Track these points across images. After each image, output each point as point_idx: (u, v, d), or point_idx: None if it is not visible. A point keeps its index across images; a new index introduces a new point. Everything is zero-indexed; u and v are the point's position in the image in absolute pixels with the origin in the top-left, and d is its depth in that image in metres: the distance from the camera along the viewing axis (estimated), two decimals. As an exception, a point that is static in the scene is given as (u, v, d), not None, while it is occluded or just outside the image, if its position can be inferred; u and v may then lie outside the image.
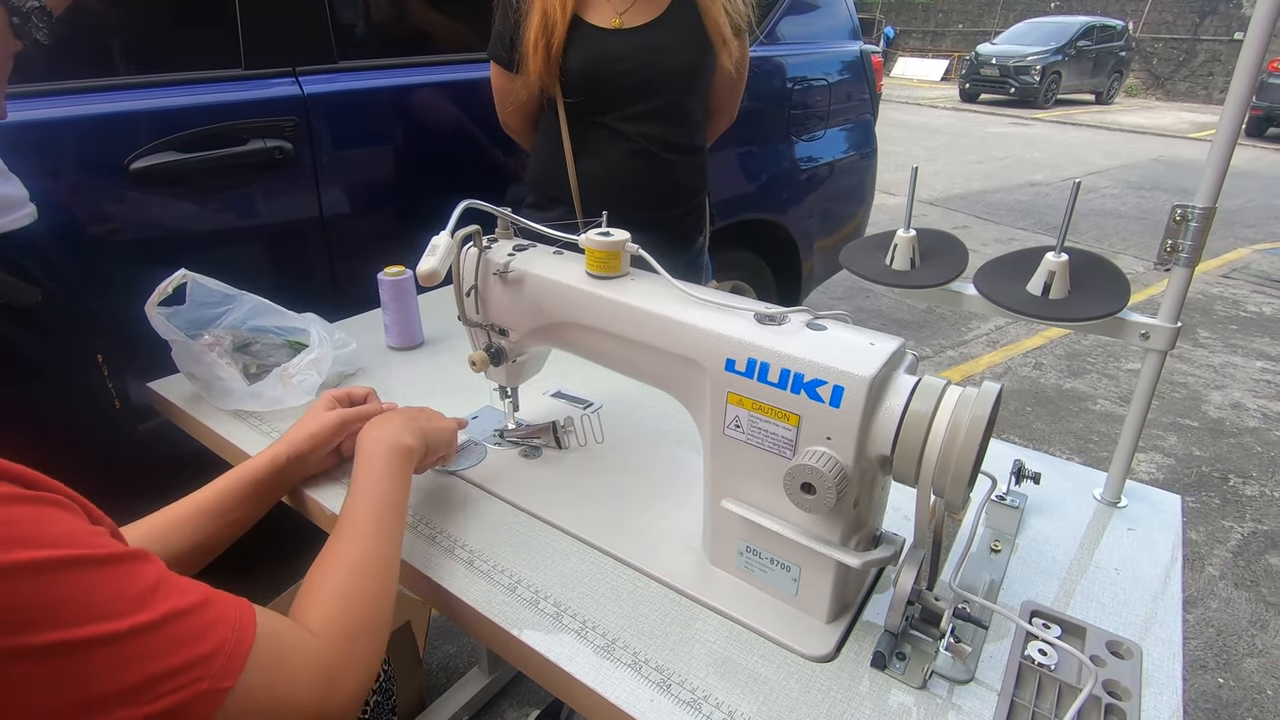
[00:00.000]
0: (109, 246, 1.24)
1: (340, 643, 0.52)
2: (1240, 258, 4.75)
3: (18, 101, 1.11)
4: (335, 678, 0.50)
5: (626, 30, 1.23)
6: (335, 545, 0.61)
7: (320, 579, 0.58)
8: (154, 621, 0.39)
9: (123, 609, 0.38)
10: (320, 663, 0.50)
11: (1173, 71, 14.99)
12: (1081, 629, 0.64)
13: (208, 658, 0.41)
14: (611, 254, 0.70)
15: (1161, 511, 0.81)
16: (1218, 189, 0.68)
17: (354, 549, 0.61)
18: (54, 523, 0.38)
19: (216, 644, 0.42)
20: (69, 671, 0.35)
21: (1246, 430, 2.68)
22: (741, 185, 2.15)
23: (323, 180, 1.42)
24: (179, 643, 0.40)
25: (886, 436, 0.55)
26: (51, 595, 0.35)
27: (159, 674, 0.38)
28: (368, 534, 0.62)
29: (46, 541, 0.36)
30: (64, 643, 0.35)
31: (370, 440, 0.71)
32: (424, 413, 0.80)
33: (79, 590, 0.36)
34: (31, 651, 0.34)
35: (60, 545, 0.36)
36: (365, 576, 0.59)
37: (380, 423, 0.74)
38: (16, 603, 0.34)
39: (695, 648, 0.62)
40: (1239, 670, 1.66)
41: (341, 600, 0.56)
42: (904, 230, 0.81)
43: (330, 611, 0.54)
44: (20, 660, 0.34)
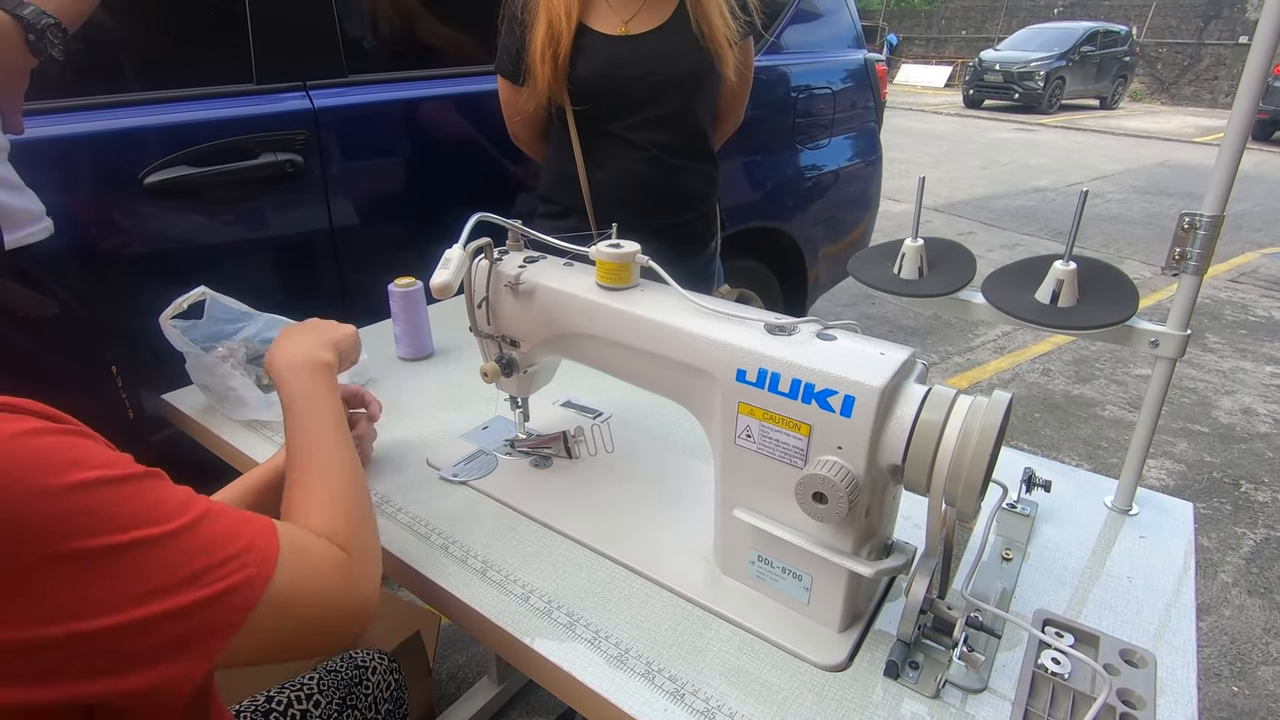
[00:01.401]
0: (123, 259, 1.26)
1: (349, 543, 0.57)
2: (1248, 262, 4.73)
3: (35, 118, 1.13)
4: (353, 574, 0.55)
5: (632, 37, 1.24)
6: (303, 463, 0.63)
7: (304, 494, 0.61)
8: (193, 522, 0.44)
9: (167, 514, 0.43)
10: (337, 561, 0.54)
11: (1177, 76, 14.97)
12: (1094, 637, 0.64)
13: (244, 551, 0.46)
14: (622, 265, 0.70)
15: (1173, 519, 0.81)
16: (1226, 196, 0.68)
17: (323, 460, 0.63)
18: (94, 448, 0.42)
19: (249, 541, 0.47)
20: (126, 569, 0.40)
21: (1257, 435, 2.66)
22: (746, 194, 2.16)
23: (333, 193, 1.44)
24: (217, 540, 0.45)
25: (898, 446, 0.55)
26: (107, 505, 0.40)
27: (203, 567, 0.43)
28: (329, 445, 0.65)
29: (94, 463, 0.41)
30: (120, 544, 0.40)
31: (287, 364, 0.69)
32: (321, 324, 0.77)
33: (128, 501, 0.42)
34: (93, 553, 0.39)
35: (107, 466, 0.41)
36: (344, 481, 0.62)
37: (287, 344, 0.72)
38: (80, 511, 0.39)
39: (708, 657, 0.63)
40: (1254, 678, 1.65)
41: (334, 505, 0.60)
42: (911, 239, 0.81)
43: (329, 517, 0.58)
44: (85, 560, 0.39)
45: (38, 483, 0.38)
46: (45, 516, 0.38)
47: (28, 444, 0.39)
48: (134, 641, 0.40)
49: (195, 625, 0.43)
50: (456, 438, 0.94)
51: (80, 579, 0.39)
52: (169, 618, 0.41)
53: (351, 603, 0.54)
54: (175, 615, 0.42)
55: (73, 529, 0.39)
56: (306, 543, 0.52)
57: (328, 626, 0.53)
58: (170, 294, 0.97)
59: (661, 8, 1.24)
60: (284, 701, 0.81)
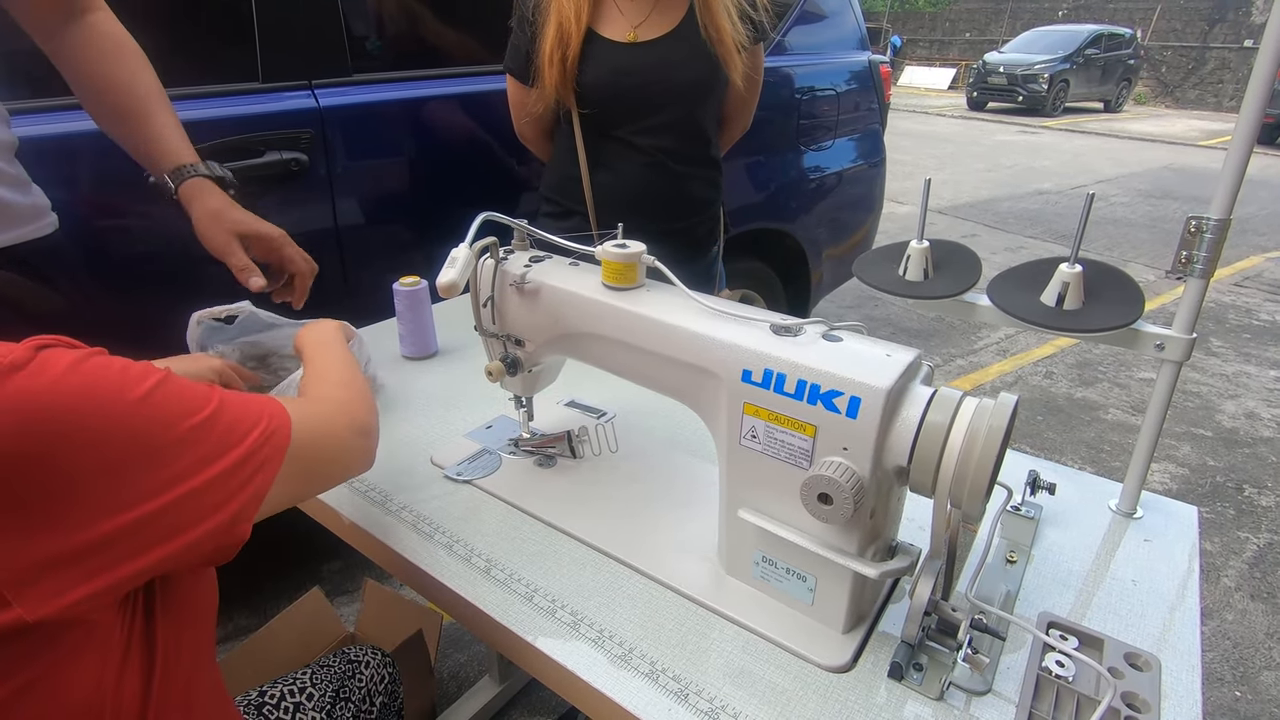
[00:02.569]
0: (127, 257, 1.26)
1: (355, 395, 0.70)
2: (1253, 266, 4.72)
3: (41, 115, 1.14)
4: (354, 414, 0.67)
5: (641, 44, 1.24)
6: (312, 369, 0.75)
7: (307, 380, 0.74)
8: (221, 400, 0.52)
9: (202, 397, 0.51)
10: (346, 409, 0.66)
11: (1182, 79, 14.94)
12: (1099, 640, 0.64)
13: (262, 409, 0.55)
14: (628, 266, 0.71)
15: (1178, 522, 0.80)
16: (1233, 200, 0.68)
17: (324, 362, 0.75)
18: (128, 362, 0.49)
19: (261, 403, 0.56)
20: (197, 443, 0.49)
21: (1261, 440, 2.66)
22: (750, 195, 2.16)
23: (338, 191, 1.44)
24: (243, 409, 0.54)
25: (903, 447, 0.55)
26: (168, 402, 0.48)
27: (246, 426, 0.53)
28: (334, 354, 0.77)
29: (139, 374, 0.48)
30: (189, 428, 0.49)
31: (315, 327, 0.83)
32: None
33: (175, 396, 0.49)
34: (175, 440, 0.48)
35: (147, 374, 0.48)
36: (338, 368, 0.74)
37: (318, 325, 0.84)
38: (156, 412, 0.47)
39: (712, 657, 0.63)
40: (1256, 683, 1.64)
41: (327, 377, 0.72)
42: (917, 241, 0.81)
43: (324, 383, 0.72)
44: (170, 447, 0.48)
45: (124, 396, 0.46)
46: (139, 419, 0.46)
47: (88, 369, 0.45)
48: (212, 493, 0.49)
49: (254, 467, 0.52)
50: (460, 437, 0.94)
51: (167, 462, 0.47)
52: (237, 466, 0.51)
53: (355, 425, 0.66)
54: (240, 463, 0.51)
55: (156, 426, 0.47)
56: (304, 403, 0.63)
57: (342, 450, 0.64)
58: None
59: (671, 14, 1.24)
60: (277, 695, 0.81)
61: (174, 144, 0.98)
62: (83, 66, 0.94)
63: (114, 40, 0.96)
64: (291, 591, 1.32)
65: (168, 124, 0.98)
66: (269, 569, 1.80)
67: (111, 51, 0.95)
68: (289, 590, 1.69)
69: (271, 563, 1.81)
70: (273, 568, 1.80)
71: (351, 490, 0.84)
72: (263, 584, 1.74)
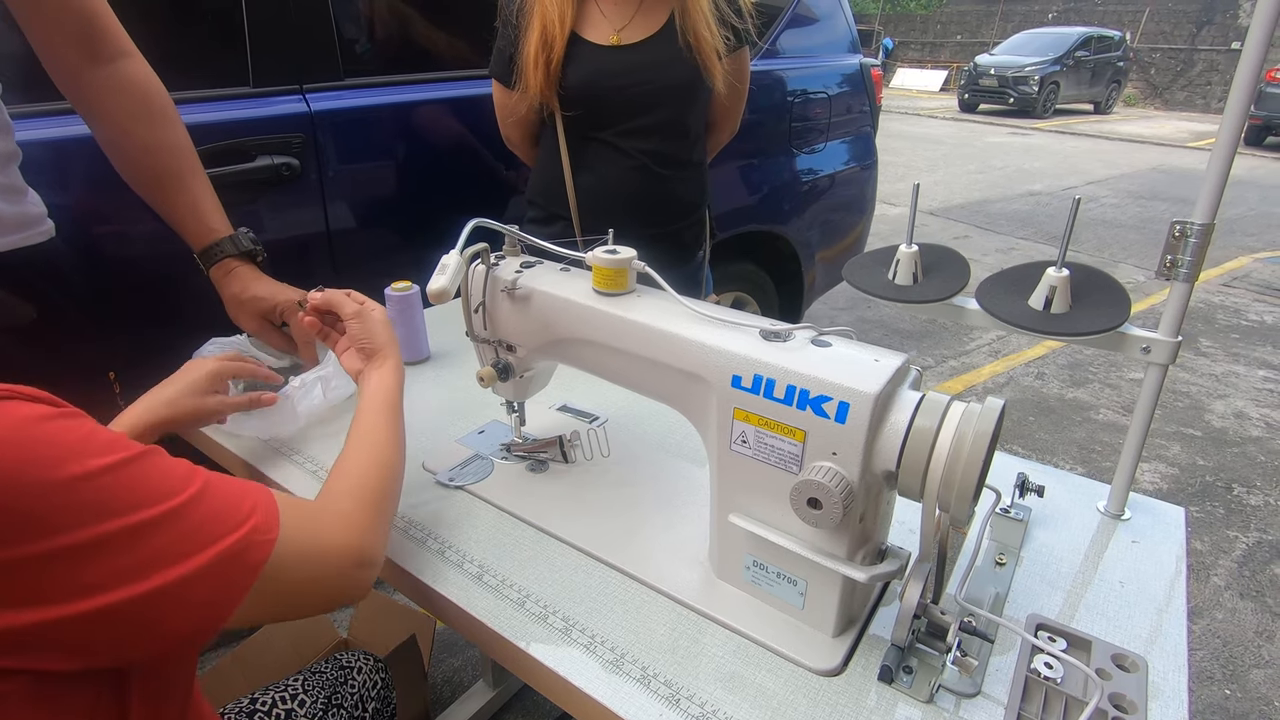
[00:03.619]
0: (119, 262, 1.25)
1: (363, 505, 0.61)
2: (1241, 266, 4.76)
3: (33, 120, 1.13)
4: (362, 540, 0.58)
5: (624, 47, 1.24)
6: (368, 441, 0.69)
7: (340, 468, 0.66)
8: (195, 496, 0.45)
9: (169, 490, 0.45)
10: (348, 522, 0.58)
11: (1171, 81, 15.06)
12: (1087, 642, 0.64)
13: (246, 517, 0.48)
14: (618, 271, 0.71)
15: (1165, 524, 0.81)
16: (1216, 204, 0.69)
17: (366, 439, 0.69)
18: (97, 431, 0.44)
19: (251, 506, 0.49)
20: (128, 548, 0.42)
21: (1250, 439, 2.68)
22: (743, 197, 2.16)
23: (329, 196, 1.44)
24: (220, 510, 0.47)
25: (892, 452, 0.56)
26: (112, 490, 0.42)
27: (216, 532, 0.45)
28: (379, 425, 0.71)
29: (97, 449, 0.42)
30: (125, 527, 0.41)
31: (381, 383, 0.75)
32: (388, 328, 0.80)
33: (131, 483, 0.43)
34: (97, 540, 0.40)
35: (108, 451, 0.42)
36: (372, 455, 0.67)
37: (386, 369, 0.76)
38: (85, 501, 0.40)
39: (703, 662, 0.63)
40: (1246, 681, 1.66)
41: (360, 475, 0.65)
42: (906, 245, 0.82)
43: (352, 483, 0.63)
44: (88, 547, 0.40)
45: (45, 475, 0.39)
46: (52, 510, 0.39)
47: (33, 431, 0.39)
48: (153, 608, 0.42)
49: (216, 583, 0.45)
50: (452, 442, 0.94)
51: (83, 564, 0.39)
52: (176, 589, 0.43)
53: (358, 554, 0.57)
54: (181, 584, 0.43)
55: (78, 520, 0.40)
56: (306, 506, 0.55)
57: (332, 582, 0.55)
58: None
59: (654, 17, 1.24)
60: (268, 703, 0.81)
61: (205, 216, 0.98)
62: (111, 120, 0.91)
63: (144, 92, 0.93)
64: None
65: (200, 194, 0.97)
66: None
67: (141, 107, 0.92)
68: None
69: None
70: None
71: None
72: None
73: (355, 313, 0.78)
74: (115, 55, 0.90)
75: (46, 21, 0.84)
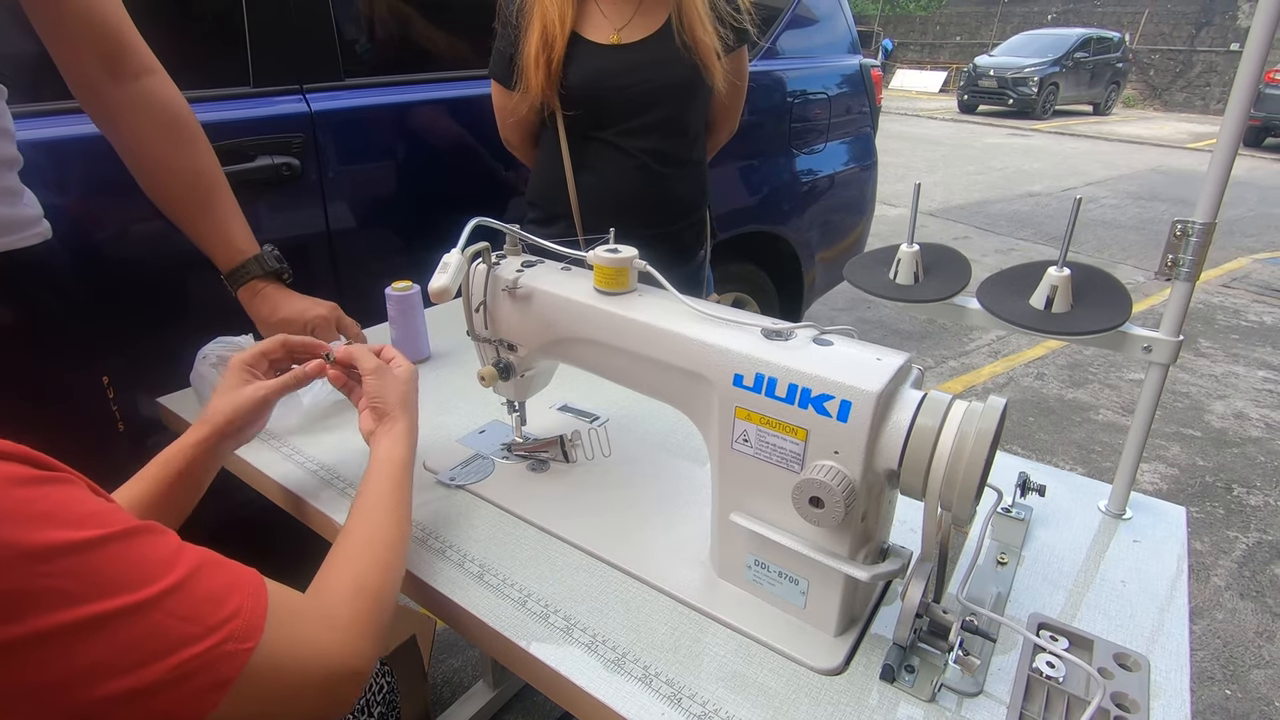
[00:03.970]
0: (117, 263, 1.25)
1: (356, 614, 0.55)
2: (1240, 267, 4.76)
3: (30, 120, 1.13)
4: (347, 638, 0.53)
5: (624, 46, 1.24)
6: (352, 523, 0.64)
7: (337, 555, 0.61)
8: (173, 587, 0.40)
9: (144, 578, 0.39)
10: (337, 630, 0.52)
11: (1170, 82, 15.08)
12: (1089, 641, 0.64)
13: (228, 619, 0.43)
14: (619, 270, 0.71)
15: (1166, 523, 0.81)
16: (1218, 204, 0.69)
17: (377, 527, 0.65)
18: (76, 501, 0.39)
19: (236, 606, 0.44)
20: (106, 640, 0.37)
21: (1250, 440, 2.68)
22: (743, 198, 2.16)
23: (329, 196, 1.44)
24: (203, 604, 0.42)
25: (894, 451, 0.56)
26: (85, 570, 0.37)
27: (186, 635, 0.40)
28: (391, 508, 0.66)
29: (73, 521, 0.37)
30: (100, 615, 0.37)
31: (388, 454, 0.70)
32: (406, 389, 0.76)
33: (108, 563, 0.38)
34: (71, 627, 0.36)
35: (86, 524, 0.38)
36: (382, 553, 0.63)
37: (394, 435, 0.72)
38: (51, 584, 0.35)
39: (705, 661, 0.63)
40: (1246, 682, 1.66)
41: (355, 573, 0.59)
42: (907, 245, 0.82)
43: (347, 584, 0.58)
44: (59, 635, 0.35)
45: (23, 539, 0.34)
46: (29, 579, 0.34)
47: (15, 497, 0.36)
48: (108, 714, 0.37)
49: (163, 706, 0.39)
50: (453, 442, 0.94)
51: (21, 658, 0.34)
52: (134, 697, 0.37)
53: (343, 665, 0.51)
54: (141, 694, 0.38)
55: (21, 605, 0.34)
56: (298, 604, 0.50)
57: (313, 695, 0.49)
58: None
59: (654, 16, 1.25)
60: None
61: (232, 238, 0.97)
62: (135, 138, 0.91)
63: (168, 112, 0.92)
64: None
65: (226, 215, 0.97)
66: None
67: (166, 127, 0.92)
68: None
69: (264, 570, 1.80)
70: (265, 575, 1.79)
71: (344, 496, 0.83)
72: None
73: (374, 368, 0.75)
74: (140, 72, 0.90)
75: (68, 36, 0.84)
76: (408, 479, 0.70)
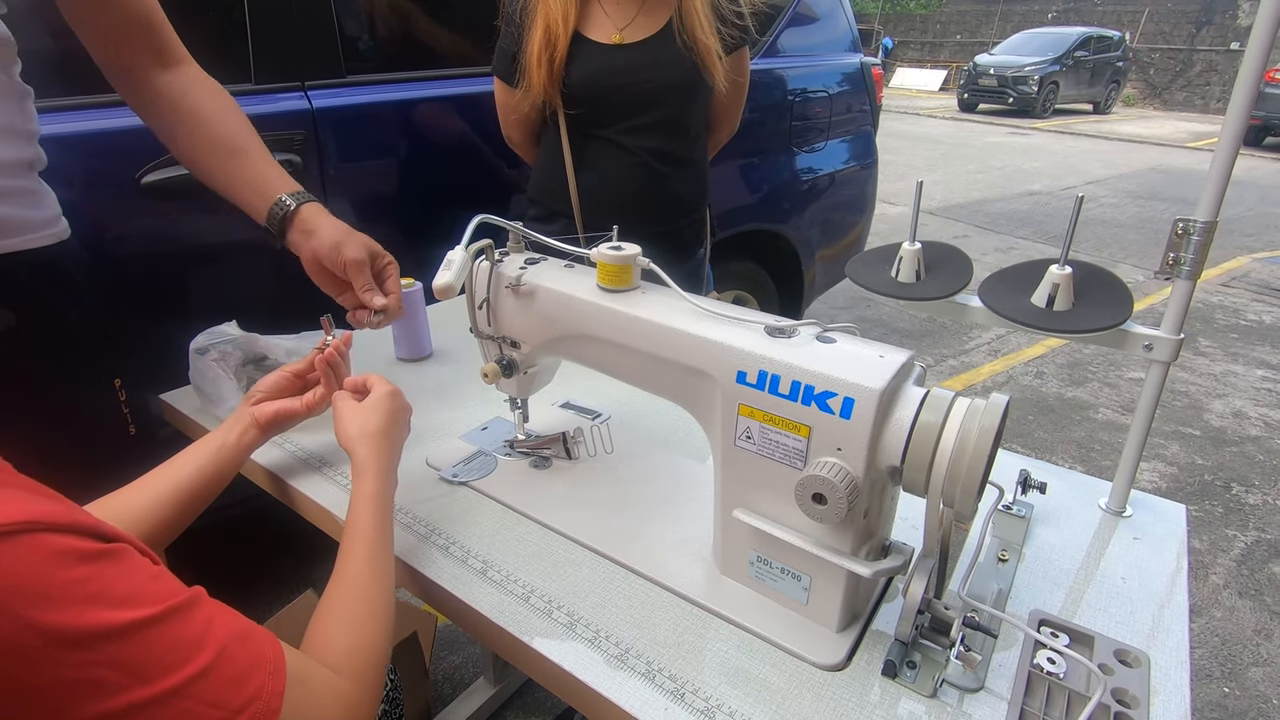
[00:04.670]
0: (121, 261, 1.25)
1: (357, 677, 0.56)
2: (1240, 266, 4.77)
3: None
4: (352, 707, 0.54)
5: (627, 46, 1.24)
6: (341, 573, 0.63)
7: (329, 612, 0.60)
8: (207, 666, 0.42)
9: (182, 658, 0.41)
10: (343, 701, 0.53)
11: (1170, 81, 15.08)
12: (1089, 637, 0.65)
13: (251, 700, 0.44)
14: (623, 268, 0.71)
15: (1166, 520, 0.81)
16: (1219, 202, 0.69)
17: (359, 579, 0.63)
18: (122, 577, 0.40)
19: (257, 687, 0.45)
20: None
21: (1249, 439, 2.69)
22: (743, 196, 2.17)
23: (331, 193, 1.44)
24: (228, 688, 0.43)
25: (896, 447, 0.56)
26: (124, 658, 0.38)
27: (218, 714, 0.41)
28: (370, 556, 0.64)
29: (117, 600, 0.38)
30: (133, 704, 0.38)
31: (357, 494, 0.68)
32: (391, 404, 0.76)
33: (146, 649, 0.39)
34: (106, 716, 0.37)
35: (129, 604, 0.39)
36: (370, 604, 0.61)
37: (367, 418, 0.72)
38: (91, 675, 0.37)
39: (708, 657, 0.63)
40: (1244, 679, 1.66)
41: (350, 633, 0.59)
42: (909, 243, 0.82)
43: (344, 646, 0.57)
44: None
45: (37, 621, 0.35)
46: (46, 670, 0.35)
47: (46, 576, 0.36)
48: None
49: None
50: (456, 438, 0.94)
51: None
52: None
53: None
54: None
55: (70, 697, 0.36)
56: (314, 683, 0.51)
57: None
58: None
59: (656, 16, 1.25)
60: None
61: (282, 176, 0.96)
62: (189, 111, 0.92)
63: (216, 88, 0.95)
64: (285, 595, 1.31)
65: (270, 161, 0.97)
66: (262, 573, 1.79)
67: (218, 95, 0.94)
68: (283, 594, 1.68)
69: (265, 566, 1.81)
70: (266, 572, 1.80)
71: (345, 491, 0.84)
72: (256, 588, 1.74)
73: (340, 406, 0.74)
74: (181, 60, 0.93)
75: (111, 28, 0.86)
76: (379, 515, 0.67)
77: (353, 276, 0.90)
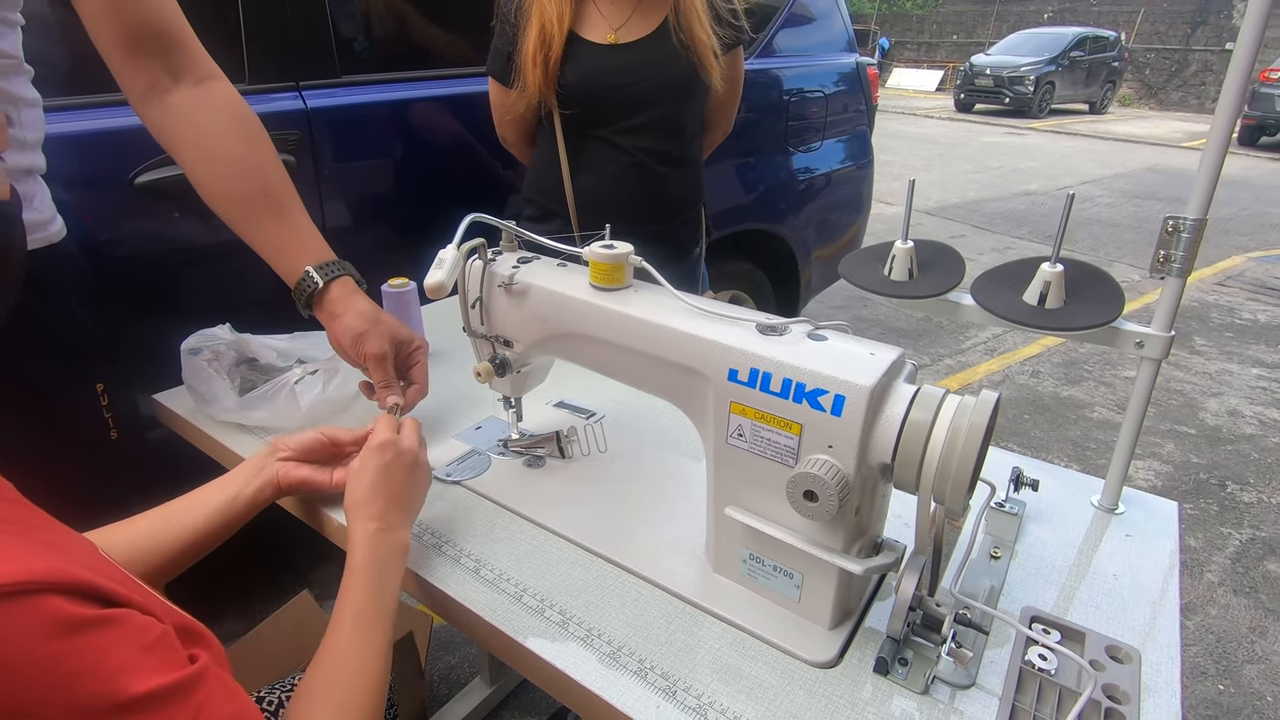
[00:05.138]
0: (113, 261, 1.25)
1: None
2: (1235, 265, 4.78)
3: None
4: None
5: (621, 46, 1.25)
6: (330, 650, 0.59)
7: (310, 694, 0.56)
8: None
9: None
10: None
11: (1165, 81, 15.12)
12: (1081, 634, 0.65)
13: None
14: (615, 266, 0.71)
15: (1159, 518, 0.82)
16: (1209, 200, 0.69)
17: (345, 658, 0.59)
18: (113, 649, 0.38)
19: None
20: None
21: (1243, 437, 2.69)
22: (739, 196, 2.17)
23: (326, 193, 1.44)
24: None
25: (887, 444, 0.56)
26: None
27: None
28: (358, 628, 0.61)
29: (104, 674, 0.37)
30: None
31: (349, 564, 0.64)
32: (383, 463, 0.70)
33: None
34: None
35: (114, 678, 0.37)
36: (358, 683, 0.58)
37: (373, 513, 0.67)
38: None
39: (700, 655, 0.63)
40: (1239, 677, 1.67)
41: None
42: (902, 241, 0.82)
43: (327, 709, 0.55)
44: None
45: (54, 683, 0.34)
46: None
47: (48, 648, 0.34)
48: None
49: None
50: (450, 438, 0.94)
51: None
52: None
53: None
54: None
55: None
56: None
57: None
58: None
59: (652, 16, 1.25)
60: (274, 702, 0.80)
61: (315, 239, 0.90)
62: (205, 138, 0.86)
63: (238, 113, 0.88)
64: (280, 596, 1.31)
65: (304, 218, 0.90)
66: (258, 574, 1.79)
67: (237, 125, 0.87)
68: (278, 595, 1.68)
69: (260, 568, 1.80)
70: (262, 573, 1.79)
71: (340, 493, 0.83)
72: (252, 589, 1.73)
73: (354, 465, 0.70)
74: (205, 77, 0.88)
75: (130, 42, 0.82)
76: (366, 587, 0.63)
77: (371, 370, 0.85)
